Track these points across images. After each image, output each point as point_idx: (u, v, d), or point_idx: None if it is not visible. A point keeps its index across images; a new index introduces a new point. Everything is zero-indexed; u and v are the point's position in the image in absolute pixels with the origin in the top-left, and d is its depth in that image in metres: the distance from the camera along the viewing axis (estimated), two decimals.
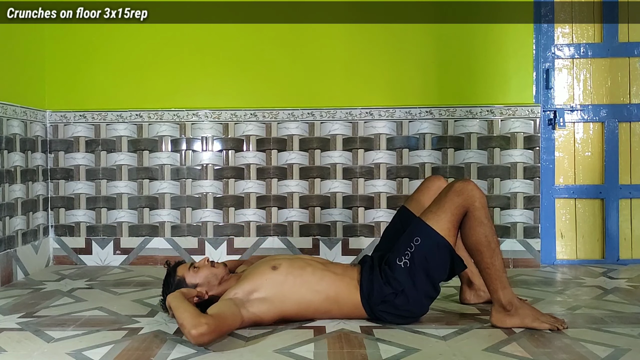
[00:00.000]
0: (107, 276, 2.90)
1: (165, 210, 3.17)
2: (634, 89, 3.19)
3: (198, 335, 1.70)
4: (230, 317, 1.82)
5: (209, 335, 1.72)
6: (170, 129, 3.16)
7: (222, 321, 1.78)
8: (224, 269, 2.08)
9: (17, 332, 1.96)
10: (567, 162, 3.23)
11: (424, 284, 1.96)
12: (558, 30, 3.20)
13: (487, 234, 1.92)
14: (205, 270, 2.05)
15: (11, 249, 2.78)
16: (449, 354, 1.71)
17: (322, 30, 3.14)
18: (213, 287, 2.03)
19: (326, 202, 3.15)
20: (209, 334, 1.72)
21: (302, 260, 2.05)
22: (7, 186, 2.75)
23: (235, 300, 1.90)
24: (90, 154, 3.18)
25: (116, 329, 1.98)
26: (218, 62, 3.17)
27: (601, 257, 3.22)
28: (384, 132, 3.12)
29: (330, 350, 1.75)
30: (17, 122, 2.85)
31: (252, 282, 1.95)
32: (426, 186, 2.25)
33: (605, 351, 1.72)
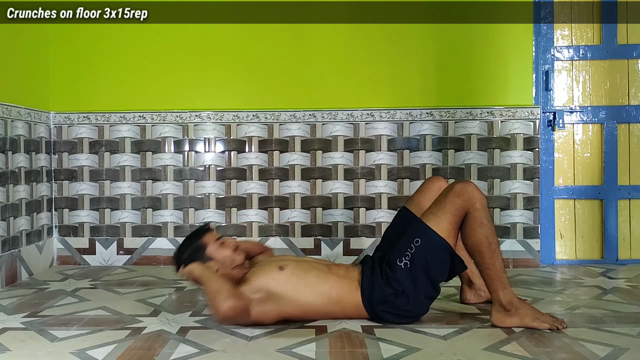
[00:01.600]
0: (110, 276, 2.92)
1: (168, 210, 3.19)
2: (632, 91, 3.21)
3: (231, 308, 1.82)
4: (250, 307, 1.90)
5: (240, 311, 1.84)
6: (173, 131, 3.18)
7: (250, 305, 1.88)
8: (243, 259, 2.11)
9: (22, 332, 1.96)
10: (566, 163, 3.24)
11: (424, 285, 1.97)
12: (557, 32, 3.22)
13: (488, 235, 1.92)
14: (228, 251, 2.08)
15: (15, 249, 2.79)
16: (450, 353, 1.71)
17: (323, 32, 3.15)
18: (225, 268, 2.05)
19: (328, 202, 3.17)
20: (240, 310, 1.84)
21: (307, 263, 2.07)
22: (11, 187, 2.76)
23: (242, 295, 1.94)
24: (94, 155, 3.20)
25: (119, 329, 1.99)
26: (220, 64, 3.18)
27: (600, 257, 3.23)
28: (385, 134, 3.14)
29: (332, 349, 1.76)
30: (21, 124, 2.86)
31: (258, 281, 1.97)
32: (427, 187, 2.25)
33: (605, 350, 1.72)
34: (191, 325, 2.03)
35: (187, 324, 2.05)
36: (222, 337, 1.89)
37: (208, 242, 2.08)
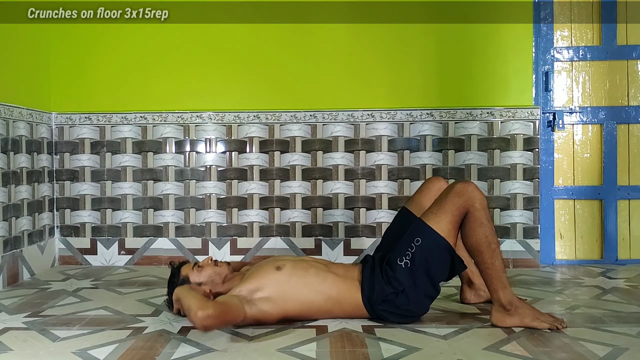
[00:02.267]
0: (112, 276, 2.92)
1: (169, 211, 3.20)
2: (632, 91, 3.22)
3: (204, 317, 1.75)
4: (235, 309, 1.86)
5: (214, 319, 1.77)
6: (175, 131, 3.19)
7: (227, 309, 1.83)
8: (227, 267, 2.12)
9: (23, 332, 1.97)
10: (566, 163, 3.25)
11: (424, 284, 1.97)
12: (557, 33, 3.23)
13: (488, 235, 1.93)
14: (208, 269, 2.09)
15: (17, 249, 2.80)
16: (450, 353, 1.72)
17: (324, 33, 3.16)
18: (217, 286, 2.06)
19: (328, 203, 3.18)
20: (214, 318, 1.77)
21: (305, 262, 2.07)
22: (13, 187, 2.77)
23: (239, 296, 1.93)
24: (96, 155, 3.21)
25: (121, 329, 2.00)
26: (221, 64, 3.19)
27: (600, 257, 3.24)
28: (386, 134, 3.15)
29: (333, 349, 1.76)
30: (23, 124, 2.87)
31: (256, 281, 1.97)
32: (427, 187, 2.26)
33: (604, 350, 1.73)
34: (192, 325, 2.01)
35: (188, 324, 2.01)
36: (224, 336, 1.90)
37: (187, 274, 2.09)
